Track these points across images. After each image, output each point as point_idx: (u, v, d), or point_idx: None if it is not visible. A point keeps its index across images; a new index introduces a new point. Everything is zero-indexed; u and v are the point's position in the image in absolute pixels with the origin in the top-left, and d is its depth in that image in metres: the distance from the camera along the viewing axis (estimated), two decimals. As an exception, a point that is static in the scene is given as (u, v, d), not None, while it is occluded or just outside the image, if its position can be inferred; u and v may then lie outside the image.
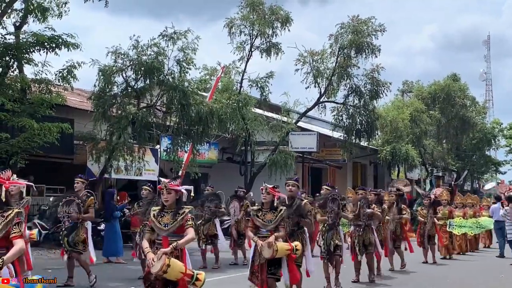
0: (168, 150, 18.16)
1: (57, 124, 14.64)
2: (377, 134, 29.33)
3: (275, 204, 7.79)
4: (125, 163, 17.30)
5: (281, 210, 7.71)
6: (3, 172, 5.37)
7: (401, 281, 12.01)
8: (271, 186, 7.94)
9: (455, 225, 16.64)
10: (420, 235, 15.46)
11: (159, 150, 19.68)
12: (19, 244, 5.06)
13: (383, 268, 12.60)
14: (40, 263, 12.16)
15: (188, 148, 18.17)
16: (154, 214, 6.37)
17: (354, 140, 26.29)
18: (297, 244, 7.88)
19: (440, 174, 46.33)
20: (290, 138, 24.21)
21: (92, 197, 10.05)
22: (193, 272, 6.18)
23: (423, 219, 15.51)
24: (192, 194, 6.92)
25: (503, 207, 15.67)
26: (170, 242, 6.14)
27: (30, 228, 15.42)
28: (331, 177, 31.02)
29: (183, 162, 18.75)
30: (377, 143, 31.39)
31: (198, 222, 12.88)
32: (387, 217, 12.88)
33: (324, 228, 10.31)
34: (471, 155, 45.88)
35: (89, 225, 10.16)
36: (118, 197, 18.65)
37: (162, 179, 6.58)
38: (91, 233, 10.25)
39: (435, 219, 15.65)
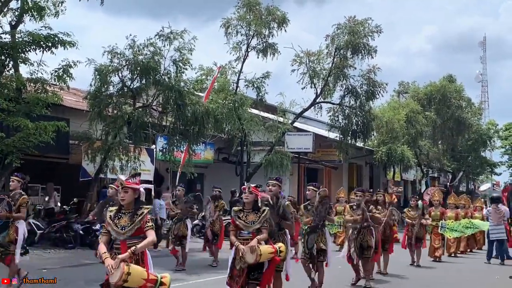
0: (164, 150, 18.14)
1: (53, 123, 14.59)
2: (373, 135, 29.35)
3: (258, 204, 7.41)
4: (121, 163, 17.28)
5: (264, 210, 7.33)
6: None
7: (397, 284, 11.98)
8: (253, 185, 7.57)
9: (447, 228, 16.21)
10: (408, 237, 14.93)
11: (154, 150, 19.65)
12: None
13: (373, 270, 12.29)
14: (35, 263, 12.12)
15: (184, 148, 18.16)
16: (110, 215, 5.95)
17: (350, 141, 26.30)
18: (281, 246, 7.54)
19: (436, 175, 46.40)
20: (286, 138, 24.22)
21: (24, 197, 9.61)
22: (157, 277, 5.81)
23: (410, 221, 14.93)
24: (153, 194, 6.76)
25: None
26: (129, 246, 5.74)
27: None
28: (327, 178, 31.05)
29: (180, 162, 18.75)
30: (373, 144, 31.43)
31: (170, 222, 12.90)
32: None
33: (305, 230, 9.85)
34: (466, 156, 45.95)
35: (21, 224, 9.60)
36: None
37: (119, 176, 6.26)
38: (23, 233, 9.61)
39: (424, 220, 15.14)
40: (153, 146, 19.56)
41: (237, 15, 22.82)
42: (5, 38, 15.12)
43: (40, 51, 15.07)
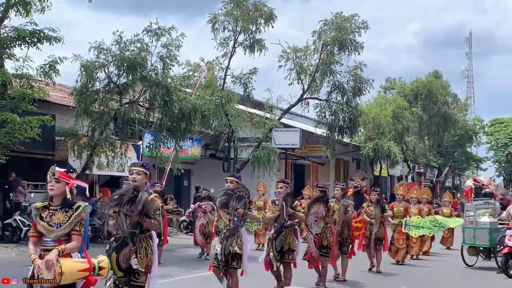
0: (151, 146, 18.10)
1: (38, 117, 14.52)
2: (360, 130, 29.45)
3: (67, 198, 5.44)
4: (107, 159, 17.22)
5: (78, 207, 5.38)
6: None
7: (377, 282, 11.76)
8: (63, 170, 5.70)
9: (412, 225, 14.17)
10: (366, 238, 13.05)
11: (141, 146, 19.61)
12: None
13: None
14: (20, 260, 12.08)
15: (171, 145, 18.15)
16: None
17: (336, 137, 26.37)
18: (102, 260, 5.51)
19: (422, 170, 46.68)
20: (273, 134, 24.24)
21: None
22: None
23: (368, 219, 13.02)
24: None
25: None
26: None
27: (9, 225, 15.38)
28: (313, 174, 31.13)
29: (167, 159, 18.73)
30: (359, 140, 31.55)
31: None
32: (335, 217, 10.70)
33: (223, 234, 8.09)
34: (452, 152, 46.31)
35: None
36: (101, 193, 18.60)
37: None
38: None
39: (390, 218, 13.92)
40: (140, 142, 19.52)
41: (224, 11, 22.77)
42: (-10, 34, 15.02)
43: (25, 46, 15.01)
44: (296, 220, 9.36)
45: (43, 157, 18.30)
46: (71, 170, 14.24)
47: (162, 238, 13.28)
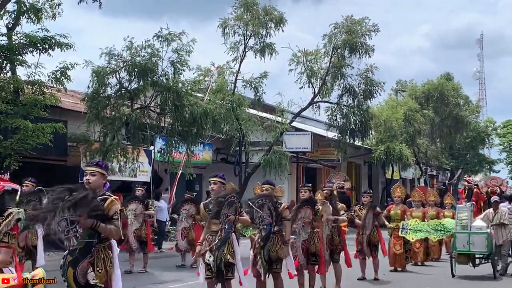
0: (162, 151, 18.13)
1: (50, 124, 14.59)
2: (371, 133, 29.38)
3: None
4: (119, 165, 17.25)
5: (10, 213, 4.55)
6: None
7: None
8: None
9: (409, 229, 13.12)
10: (359, 243, 12.03)
11: (152, 151, 19.64)
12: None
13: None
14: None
15: (183, 149, 18.18)
16: None
17: (348, 140, 26.30)
18: (36, 274, 4.64)
19: (434, 173, 46.44)
20: (284, 138, 24.20)
21: None
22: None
23: (360, 221, 12.06)
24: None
25: None
26: None
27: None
28: (325, 177, 31.03)
29: (178, 164, 18.76)
30: (371, 143, 31.43)
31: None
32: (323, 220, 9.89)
33: (215, 244, 7.50)
34: (464, 154, 46.03)
35: None
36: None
37: None
38: None
39: (386, 221, 13.09)
40: (151, 147, 19.55)
41: (235, 15, 22.80)
42: (1, 40, 15.14)
43: (37, 53, 15.09)
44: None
45: (56, 163, 18.39)
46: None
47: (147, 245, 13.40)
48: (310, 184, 10.18)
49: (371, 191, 13.88)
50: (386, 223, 13.28)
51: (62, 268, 5.43)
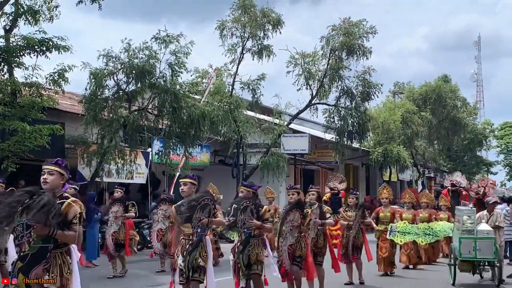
0: (160, 153, 18.11)
1: (48, 126, 14.56)
2: (369, 135, 29.40)
3: None
4: (117, 167, 17.23)
5: None
6: None
7: None
8: None
9: (397, 231, 12.83)
10: (343, 246, 11.71)
11: (150, 153, 19.63)
12: None
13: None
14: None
15: (180, 151, 18.17)
16: None
17: (346, 142, 26.33)
18: None
19: (432, 175, 46.48)
20: (282, 140, 24.20)
21: None
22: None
23: (346, 222, 11.79)
24: None
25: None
26: None
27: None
28: (323, 179, 31.03)
29: (176, 165, 18.74)
30: (368, 145, 31.47)
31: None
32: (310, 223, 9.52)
33: (186, 248, 7.32)
34: (462, 156, 46.12)
35: None
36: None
37: None
38: None
39: (373, 224, 12.82)
40: (149, 149, 19.53)
41: (232, 17, 22.82)
42: (-1, 43, 15.10)
43: (34, 55, 15.06)
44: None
45: (53, 165, 18.33)
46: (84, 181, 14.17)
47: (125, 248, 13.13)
48: (298, 186, 9.96)
49: (357, 192, 13.71)
50: (374, 225, 13.02)
51: (11, 275, 5.06)
